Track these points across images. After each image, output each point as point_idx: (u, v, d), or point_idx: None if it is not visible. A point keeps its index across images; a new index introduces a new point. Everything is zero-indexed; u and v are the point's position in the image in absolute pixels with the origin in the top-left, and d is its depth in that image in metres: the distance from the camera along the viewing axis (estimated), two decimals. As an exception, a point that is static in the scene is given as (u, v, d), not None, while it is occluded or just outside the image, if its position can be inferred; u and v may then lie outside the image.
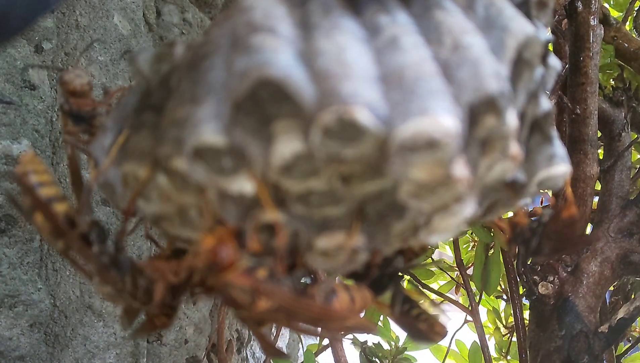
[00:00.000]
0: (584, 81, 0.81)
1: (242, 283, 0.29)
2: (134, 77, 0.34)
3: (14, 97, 0.67)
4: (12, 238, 0.67)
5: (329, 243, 0.31)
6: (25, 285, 0.67)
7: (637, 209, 0.79)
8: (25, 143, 0.68)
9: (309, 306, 0.31)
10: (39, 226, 0.34)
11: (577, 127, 0.82)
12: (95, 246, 0.34)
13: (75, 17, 0.75)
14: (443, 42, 0.28)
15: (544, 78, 0.33)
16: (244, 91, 0.26)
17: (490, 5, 0.30)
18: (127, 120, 0.33)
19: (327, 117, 0.24)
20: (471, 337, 0.94)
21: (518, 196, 0.34)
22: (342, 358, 0.82)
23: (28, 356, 0.67)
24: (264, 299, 0.29)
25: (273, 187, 0.29)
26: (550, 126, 0.34)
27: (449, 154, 0.25)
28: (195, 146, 0.26)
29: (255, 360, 1.12)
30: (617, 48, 0.91)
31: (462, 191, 0.27)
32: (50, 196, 0.34)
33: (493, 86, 0.26)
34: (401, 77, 0.26)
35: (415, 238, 0.32)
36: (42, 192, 0.34)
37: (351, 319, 0.32)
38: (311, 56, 0.26)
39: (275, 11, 0.29)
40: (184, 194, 0.30)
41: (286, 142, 0.27)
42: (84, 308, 0.74)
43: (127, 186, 0.32)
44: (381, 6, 0.30)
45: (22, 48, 0.69)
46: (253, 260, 0.30)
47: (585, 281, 0.77)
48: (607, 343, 0.75)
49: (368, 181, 0.28)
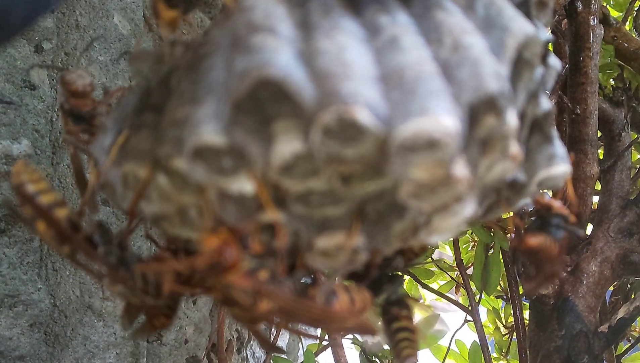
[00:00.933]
0: (584, 81, 0.81)
1: (243, 284, 0.29)
2: (134, 77, 0.34)
3: (14, 97, 0.67)
4: (12, 238, 0.67)
5: (329, 243, 0.31)
6: (25, 285, 0.67)
7: (637, 209, 0.79)
8: (25, 143, 0.68)
9: (309, 307, 0.31)
10: (41, 234, 0.34)
11: (577, 127, 0.82)
12: (101, 247, 0.34)
13: (75, 17, 0.75)
14: (443, 42, 0.28)
15: (544, 78, 0.33)
16: (244, 91, 0.26)
17: (490, 5, 0.30)
18: (127, 120, 0.33)
19: (327, 117, 0.24)
20: (471, 337, 0.94)
21: (518, 196, 0.34)
22: (342, 358, 0.82)
23: (28, 356, 0.67)
24: (265, 300, 0.29)
25: (273, 187, 0.29)
26: (550, 126, 0.34)
27: (449, 154, 0.25)
28: (195, 146, 0.26)
29: (255, 360, 1.12)
30: (617, 48, 0.91)
31: (462, 191, 0.27)
32: (50, 203, 0.34)
33: (493, 86, 0.26)
34: (401, 77, 0.26)
35: (415, 238, 0.32)
36: (42, 200, 0.34)
37: (351, 320, 0.32)
38: (311, 56, 0.26)
39: (275, 11, 0.29)
40: (184, 194, 0.30)
41: (286, 142, 0.27)
42: (84, 308, 0.74)
43: (127, 186, 0.32)
44: (381, 6, 0.30)
45: (22, 48, 0.69)
46: (254, 260, 0.30)
47: (585, 281, 0.77)
48: (607, 343, 0.75)
49: (368, 181, 0.28)
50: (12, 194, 0.66)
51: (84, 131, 0.39)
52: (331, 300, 0.32)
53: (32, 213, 0.34)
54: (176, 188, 0.30)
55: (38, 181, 0.34)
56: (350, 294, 0.33)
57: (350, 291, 0.33)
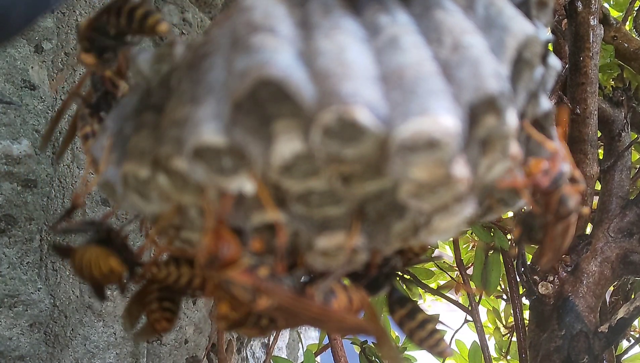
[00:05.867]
0: (584, 81, 0.81)
1: (243, 281, 0.29)
2: (134, 77, 0.34)
3: (14, 97, 0.67)
4: (12, 238, 0.67)
5: (329, 243, 0.31)
6: (25, 285, 0.67)
7: (637, 209, 0.79)
8: (25, 143, 0.68)
9: (308, 306, 0.31)
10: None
11: (577, 127, 0.82)
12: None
13: (75, 17, 0.75)
14: (443, 42, 0.28)
15: (544, 78, 0.33)
16: (244, 91, 0.26)
17: (490, 5, 0.30)
18: (127, 120, 0.33)
19: (327, 117, 0.24)
20: (471, 337, 0.94)
21: (518, 196, 0.34)
22: (342, 358, 0.82)
23: (28, 356, 0.67)
24: (265, 297, 0.29)
25: (273, 187, 0.29)
26: (550, 126, 0.34)
27: (449, 154, 0.25)
28: (195, 146, 0.26)
29: (255, 360, 1.12)
30: (617, 48, 0.91)
31: (462, 191, 0.27)
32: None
33: (493, 86, 0.26)
34: (401, 77, 0.26)
35: (415, 238, 0.32)
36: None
37: (349, 319, 0.32)
38: (311, 56, 0.26)
39: (275, 11, 0.29)
40: (184, 194, 0.30)
41: (286, 142, 0.27)
42: (84, 308, 0.74)
43: (127, 186, 0.32)
44: (381, 6, 0.30)
45: (22, 48, 0.69)
46: (254, 258, 0.30)
47: (585, 281, 0.77)
48: (607, 343, 0.75)
49: (368, 181, 0.28)
50: (12, 193, 0.66)
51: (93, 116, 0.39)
52: (329, 299, 0.32)
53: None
54: (176, 188, 0.30)
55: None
56: (348, 293, 0.33)
57: (349, 290, 0.33)
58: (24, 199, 0.68)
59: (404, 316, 0.39)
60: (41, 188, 0.70)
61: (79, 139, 0.41)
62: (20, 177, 0.68)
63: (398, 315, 0.39)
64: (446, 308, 1.15)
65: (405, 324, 0.39)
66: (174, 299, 0.40)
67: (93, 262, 0.36)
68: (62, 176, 0.73)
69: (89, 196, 0.75)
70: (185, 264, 0.37)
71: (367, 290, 0.35)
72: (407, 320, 0.38)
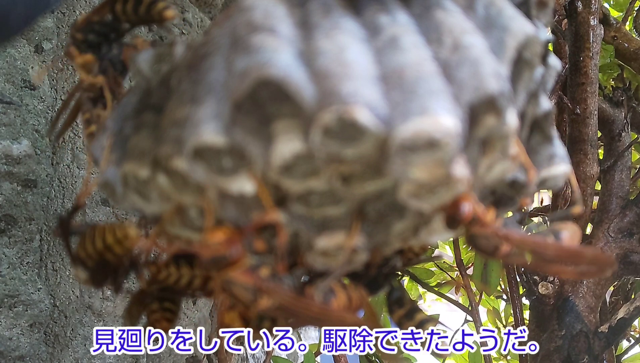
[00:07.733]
0: (584, 81, 0.81)
1: (245, 281, 0.29)
2: (134, 77, 0.34)
3: (14, 97, 0.67)
4: (12, 238, 0.67)
5: (329, 243, 0.31)
6: (25, 285, 0.67)
7: (637, 209, 0.79)
8: (25, 143, 0.68)
9: (308, 305, 0.31)
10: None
11: (577, 127, 0.82)
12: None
13: (75, 17, 0.75)
14: (443, 42, 0.28)
15: (544, 78, 0.33)
16: (244, 91, 0.26)
17: (490, 5, 0.30)
18: (127, 120, 0.33)
19: (327, 117, 0.24)
20: (471, 337, 0.94)
21: (518, 196, 0.34)
22: (342, 358, 0.82)
23: (28, 356, 0.67)
24: (265, 297, 0.29)
25: (273, 187, 0.29)
26: (550, 126, 0.34)
27: (449, 154, 0.25)
28: (195, 146, 0.26)
29: (255, 360, 1.12)
30: (617, 48, 0.91)
31: (462, 191, 0.27)
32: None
33: (493, 86, 0.26)
34: (401, 77, 0.26)
35: (415, 238, 0.32)
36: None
37: (349, 319, 0.32)
38: (311, 56, 0.26)
39: (275, 11, 0.29)
40: (184, 194, 0.30)
41: (286, 142, 0.27)
42: (83, 308, 0.74)
43: (127, 186, 0.32)
44: (381, 6, 0.30)
45: (22, 48, 0.69)
46: (255, 258, 0.30)
47: (585, 281, 0.77)
48: (607, 343, 0.75)
49: (368, 181, 0.28)
50: (12, 193, 0.66)
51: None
52: (329, 298, 0.32)
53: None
54: (176, 188, 0.30)
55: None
56: (348, 292, 0.33)
57: (348, 289, 0.33)
58: (24, 199, 0.68)
59: (402, 316, 0.39)
60: (41, 188, 0.70)
61: (79, 139, 0.40)
62: (20, 177, 0.68)
63: (397, 315, 0.39)
64: (446, 308, 1.15)
65: (404, 324, 0.39)
66: (174, 299, 0.40)
67: (107, 228, 0.35)
68: (62, 176, 0.73)
69: (89, 196, 0.75)
70: (185, 265, 0.37)
71: (366, 290, 0.35)
72: (406, 320, 0.39)
